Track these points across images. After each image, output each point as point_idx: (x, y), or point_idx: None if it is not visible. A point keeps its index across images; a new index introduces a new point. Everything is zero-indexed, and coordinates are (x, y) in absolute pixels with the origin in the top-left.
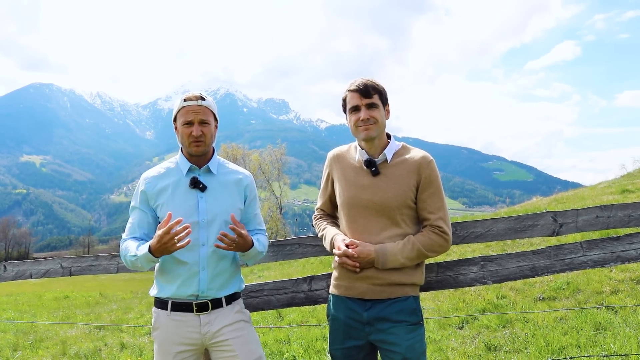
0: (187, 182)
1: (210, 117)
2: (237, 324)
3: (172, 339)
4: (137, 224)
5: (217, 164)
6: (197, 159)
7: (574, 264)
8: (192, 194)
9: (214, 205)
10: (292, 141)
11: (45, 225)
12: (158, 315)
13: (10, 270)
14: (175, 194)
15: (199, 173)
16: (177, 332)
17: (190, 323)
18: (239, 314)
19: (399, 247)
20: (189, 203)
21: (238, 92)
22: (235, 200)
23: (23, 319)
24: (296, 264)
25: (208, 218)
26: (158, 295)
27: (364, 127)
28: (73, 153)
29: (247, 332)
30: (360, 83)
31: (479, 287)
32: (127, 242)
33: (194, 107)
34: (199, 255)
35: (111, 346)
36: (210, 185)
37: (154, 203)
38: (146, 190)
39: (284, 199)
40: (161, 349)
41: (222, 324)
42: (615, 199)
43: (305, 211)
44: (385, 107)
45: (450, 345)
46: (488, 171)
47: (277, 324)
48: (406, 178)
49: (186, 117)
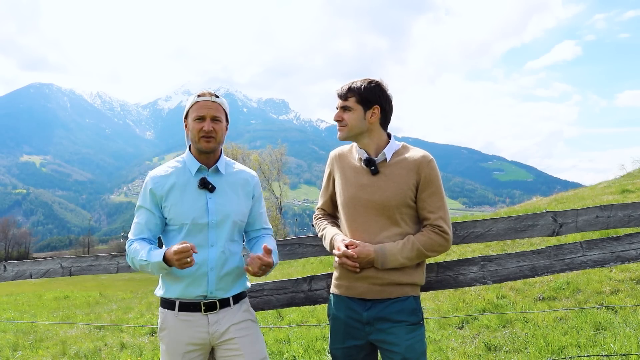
0: (195, 183)
1: (222, 115)
2: (245, 322)
3: (181, 339)
4: (145, 225)
5: (225, 164)
6: (205, 158)
7: (573, 264)
8: (201, 195)
9: (223, 206)
10: (292, 141)
11: (45, 225)
12: (165, 316)
13: (10, 270)
14: (184, 194)
15: (207, 173)
16: (186, 332)
17: (199, 323)
18: (246, 313)
19: (398, 247)
20: (198, 204)
21: (238, 92)
22: (243, 200)
23: (23, 319)
24: (296, 264)
25: (217, 219)
26: (165, 296)
27: (338, 128)
28: (73, 153)
29: (253, 331)
30: (344, 85)
31: (479, 287)
32: (134, 244)
33: (207, 103)
34: (208, 255)
35: (111, 346)
36: (218, 185)
37: (162, 203)
38: (154, 190)
39: (284, 199)
40: (169, 349)
41: (230, 322)
42: (615, 199)
43: (305, 211)
44: (369, 109)
45: (450, 345)
46: (488, 171)
47: (277, 324)
48: (405, 177)
49: (199, 112)
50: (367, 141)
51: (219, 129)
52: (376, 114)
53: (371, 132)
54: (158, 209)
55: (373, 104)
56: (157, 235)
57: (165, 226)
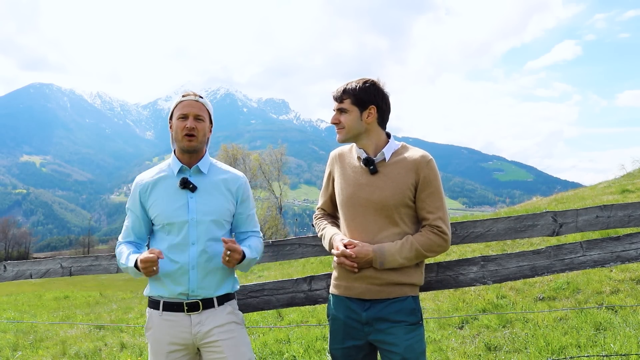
0: (177, 183)
1: (205, 114)
2: (228, 325)
3: (164, 339)
4: (131, 228)
5: (209, 165)
6: (188, 158)
7: (573, 264)
8: (182, 194)
9: (203, 205)
10: (292, 141)
11: (45, 225)
12: (151, 315)
13: (10, 270)
14: (166, 194)
15: (189, 173)
16: (169, 331)
17: (181, 323)
18: (231, 315)
19: (397, 247)
20: (178, 203)
21: (238, 92)
22: (225, 200)
23: (23, 319)
24: (296, 264)
25: (197, 217)
26: (150, 295)
27: (337, 131)
28: (73, 153)
29: (237, 334)
30: (339, 87)
31: (479, 287)
32: (121, 246)
33: (190, 102)
34: (189, 254)
35: (111, 346)
36: (200, 185)
37: (146, 204)
38: (139, 192)
39: (284, 199)
40: (154, 348)
41: (213, 324)
42: (615, 199)
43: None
44: (365, 109)
45: (450, 345)
46: (488, 171)
47: (277, 324)
48: (404, 177)
49: (182, 110)
50: (365, 141)
51: (201, 127)
52: (373, 114)
53: (369, 132)
54: (143, 211)
55: (369, 104)
56: (144, 236)
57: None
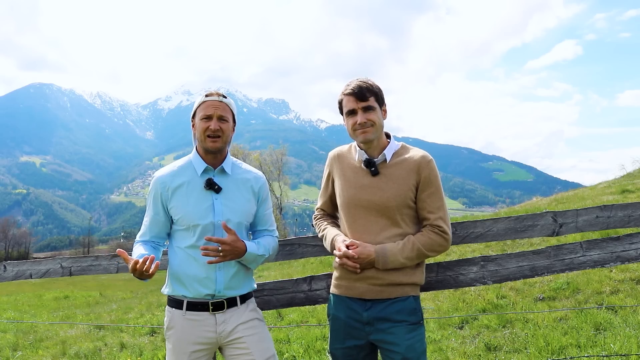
0: (201, 183)
1: (230, 115)
2: (252, 322)
3: (188, 339)
4: (149, 228)
5: (231, 164)
6: (212, 158)
7: (573, 264)
8: (207, 196)
9: (229, 207)
10: (292, 141)
11: (45, 225)
12: (172, 315)
13: (10, 270)
14: (191, 195)
15: (213, 174)
16: (193, 331)
17: (206, 322)
18: (253, 312)
19: (398, 248)
20: (204, 205)
21: (238, 92)
22: (248, 201)
23: (23, 319)
24: (296, 264)
25: (223, 220)
26: (172, 294)
27: (361, 131)
28: (73, 153)
29: (260, 330)
30: (356, 86)
31: (479, 287)
32: (137, 246)
33: (214, 103)
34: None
35: (111, 346)
36: (225, 186)
37: (168, 204)
38: (160, 191)
39: (284, 199)
40: (175, 348)
41: (237, 322)
42: (615, 199)
43: (305, 211)
44: (382, 108)
45: (450, 345)
46: (488, 171)
47: (277, 324)
48: (405, 178)
49: (206, 111)
50: (376, 142)
51: (226, 128)
52: (386, 113)
53: (382, 132)
54: (163, 210)
55: (383, 103)
56: (163, 235)
57: (172, 225)
